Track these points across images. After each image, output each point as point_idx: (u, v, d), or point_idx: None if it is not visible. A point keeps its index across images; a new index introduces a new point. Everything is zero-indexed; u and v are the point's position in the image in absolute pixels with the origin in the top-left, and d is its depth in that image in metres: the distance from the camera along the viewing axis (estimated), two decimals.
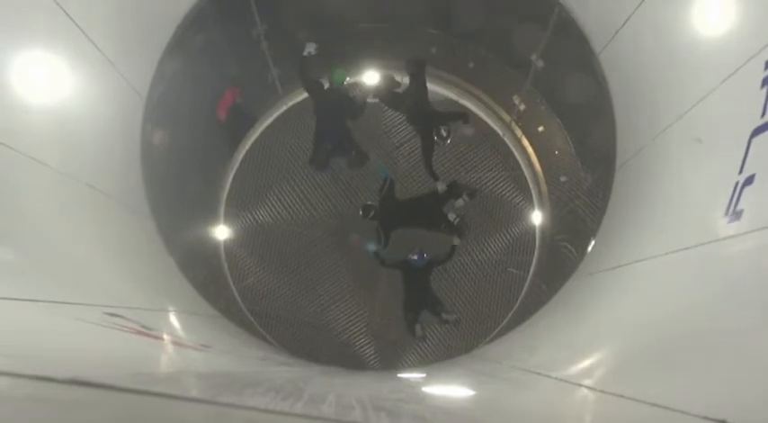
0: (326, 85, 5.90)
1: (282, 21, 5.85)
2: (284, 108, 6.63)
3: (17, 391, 1.15)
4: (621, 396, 1.99)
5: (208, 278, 5.79)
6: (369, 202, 6.18)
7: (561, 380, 2.57)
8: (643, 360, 2.32)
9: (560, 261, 5.66)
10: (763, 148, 2.21)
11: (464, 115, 6.40)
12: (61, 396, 1.17)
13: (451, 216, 5.99)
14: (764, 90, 2.30)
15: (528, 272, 6.43)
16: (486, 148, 6.49)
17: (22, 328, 1.83)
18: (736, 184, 2.30)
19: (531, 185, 6.54)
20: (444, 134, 6.21)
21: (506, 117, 6.59)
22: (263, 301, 6.44)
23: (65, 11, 3.05)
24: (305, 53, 5.68)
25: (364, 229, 6.26)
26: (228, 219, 6.54)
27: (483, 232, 6.43)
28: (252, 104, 6.45)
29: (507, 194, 6.49)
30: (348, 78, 6.13)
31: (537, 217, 6.51)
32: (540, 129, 6.40)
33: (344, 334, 6.43)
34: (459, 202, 6.08)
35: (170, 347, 2.87)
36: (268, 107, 6.63)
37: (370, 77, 6.67)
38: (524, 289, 6.38)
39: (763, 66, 2.34)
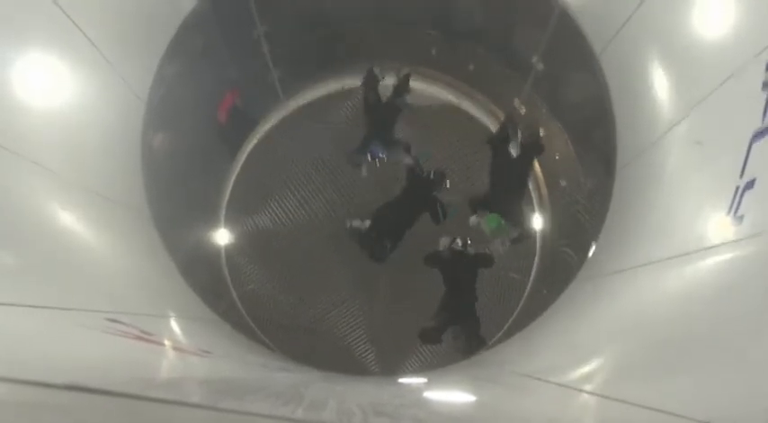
0: None
1: (282, 22, 5.86)
2: (285, 111, 6.61)
3: (17, 396, 1.14)
4: (623, 401, 1.98)
5: (208, 283, 5.76)
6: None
7: (562, 385, 2.56)
8: (644, 365, 2.30)
9: (561, 266, 5.64)
10: (764, 152, 2.21)
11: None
12: (61, 402, 1.17)
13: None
14: (765, 92, 2.29)
15: (529, 276, 6.40)
16: (487, 151, 6.46)
17: (21, 334, 1.82)
18: (737, 188, 2.29)
19: (531, 189, 6.53)
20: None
21: None
22: (264, 306, 6.41)
23: (65, 13, 3.05)
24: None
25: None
26: (229, 223, 6.52)
27: (483, 236, 6.40)
28: (252, 107, 6.44)
29: None
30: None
31: (537, 221, 6.49)
32: (541, 132, 6.39)
33: (345, 339, 6.39)
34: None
35: (170, 353, 2.87)
36: (269, 109, 6.62)
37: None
38: (525, 294, 6.35)
39: (763, 67, 2.33)
